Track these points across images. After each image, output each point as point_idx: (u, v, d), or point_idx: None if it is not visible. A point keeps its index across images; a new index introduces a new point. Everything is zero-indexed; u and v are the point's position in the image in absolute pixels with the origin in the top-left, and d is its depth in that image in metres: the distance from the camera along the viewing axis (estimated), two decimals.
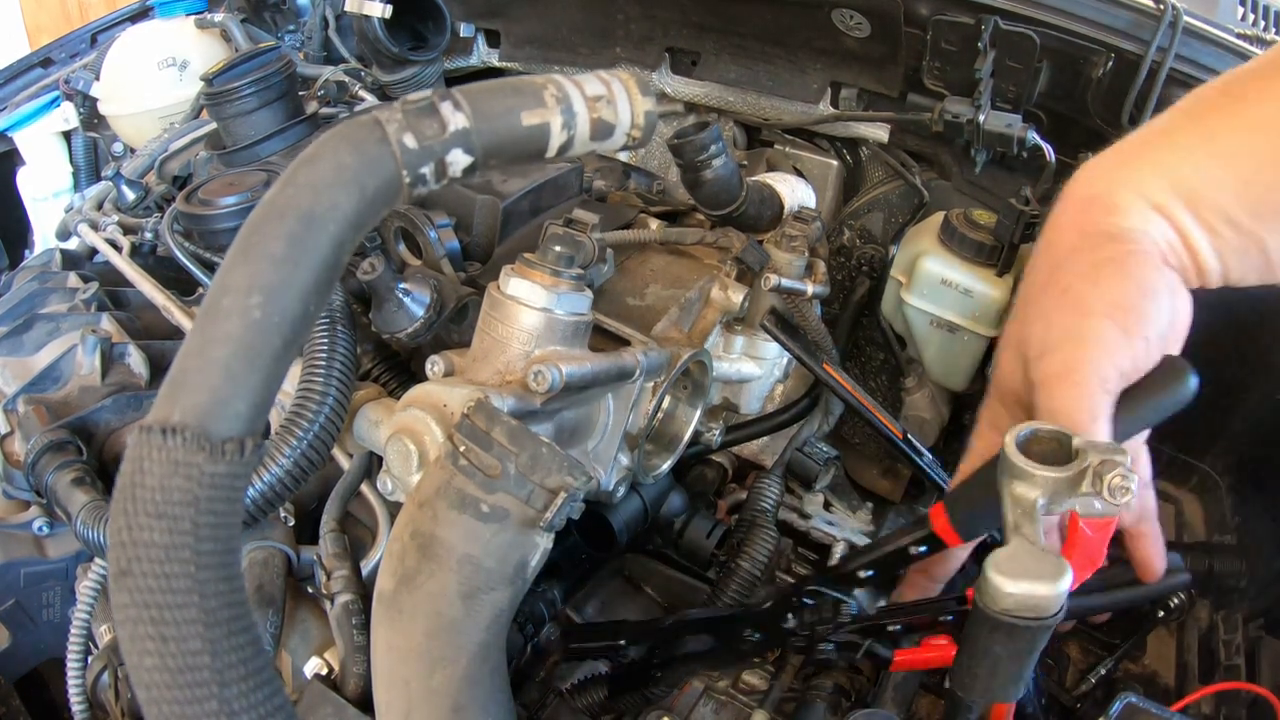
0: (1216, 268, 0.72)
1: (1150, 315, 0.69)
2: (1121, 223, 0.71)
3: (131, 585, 0.43)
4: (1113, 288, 0.69)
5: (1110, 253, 0.70)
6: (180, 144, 1.57)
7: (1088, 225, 0.72)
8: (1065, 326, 0.70)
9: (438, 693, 0.71)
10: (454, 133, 0.53)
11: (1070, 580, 0.62)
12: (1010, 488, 0.67)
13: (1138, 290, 0.69)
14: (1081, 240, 0.72)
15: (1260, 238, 0.69)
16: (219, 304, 0.46)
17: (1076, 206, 0.75)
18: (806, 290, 1.11)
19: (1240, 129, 0.69)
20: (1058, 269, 0.73)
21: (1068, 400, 0.68)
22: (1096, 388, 0.67)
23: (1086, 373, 0.67)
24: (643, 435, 0.95)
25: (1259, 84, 0.70)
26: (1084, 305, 0.69)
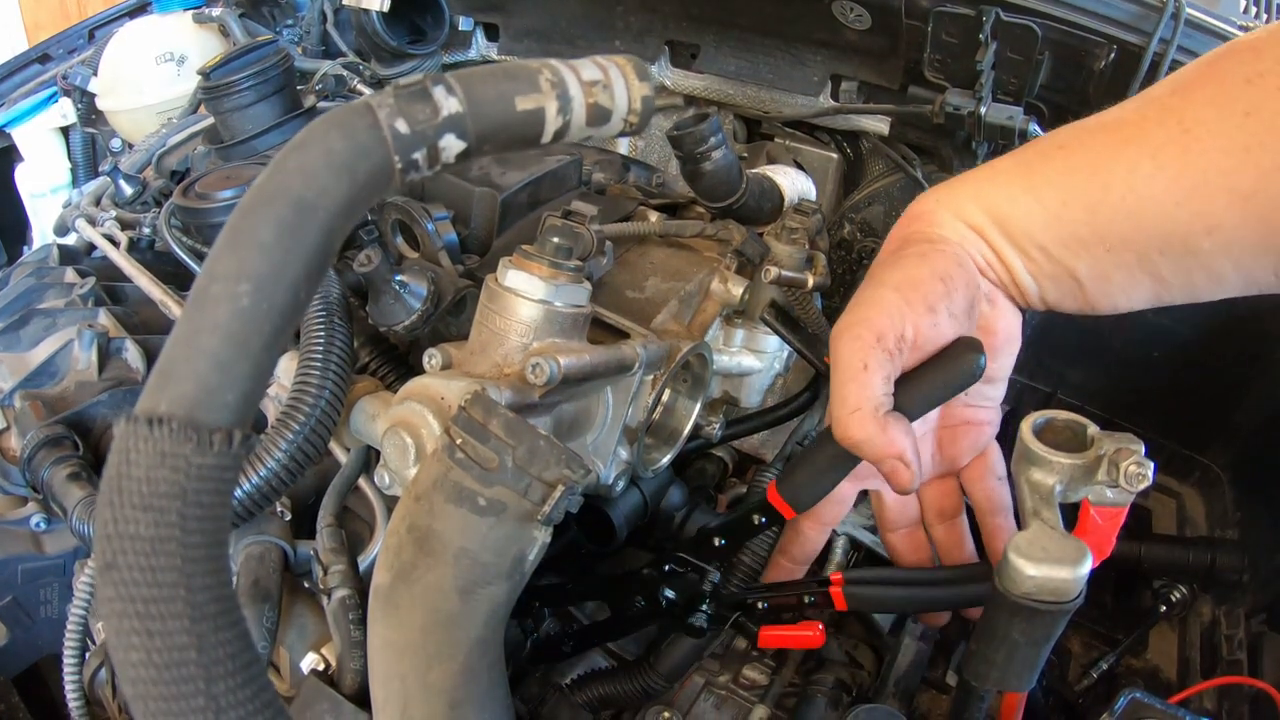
0: (1034, 289, 0.79)
1: (937, 292, 0.74)
2: (937, 232, 0.79)
3: (117, 578, 0.42)
4: (907, 268, 0.76)
5: (917, 249, 0.78)
6: (178, 139, 1.56)
7: (909, 234, 0.81)
8: (859, 296, 0.76)
9: (435, 688, 0.70)
10: (446, 118, 0.52)
11: (1090, 564, 0.62)
12: (1027, 474, 0.67)
13: (930, 272, 0.75)
14: (900, 245, 0.80)
15: (1070, 266, 0.76)
16: (207, 292, 0.45)
17: (904, 221, 0.83)
18: (807, 283, 1.10)
19: (1055, 170, 0.76)
20: (878, 263, 0.80)
21: (844, 351, 0.74)
22: (871, 341, 0.73)
23: (862, 329, 0.73)
24: (642, 428, 0.94)
25: (1082, 137, 0.77)
26: (877, 280, 0.77)
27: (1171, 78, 0.76)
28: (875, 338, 0.73)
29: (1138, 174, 0.71)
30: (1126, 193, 0.72)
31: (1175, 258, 0.73)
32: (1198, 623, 1.30)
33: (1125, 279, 0.75)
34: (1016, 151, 0.81)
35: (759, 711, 0.99)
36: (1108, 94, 1.31)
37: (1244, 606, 1.22)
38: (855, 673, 1.11)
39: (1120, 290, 0.76)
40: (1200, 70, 0.73)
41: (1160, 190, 0.71)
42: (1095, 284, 0.76)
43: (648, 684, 0.97)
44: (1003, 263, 0.78)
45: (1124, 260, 0.74)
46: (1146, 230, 0.72)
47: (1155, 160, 0.71)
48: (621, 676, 0.99)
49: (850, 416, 0.72)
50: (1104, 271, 0.75)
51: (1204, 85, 0.72)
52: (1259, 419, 1.33)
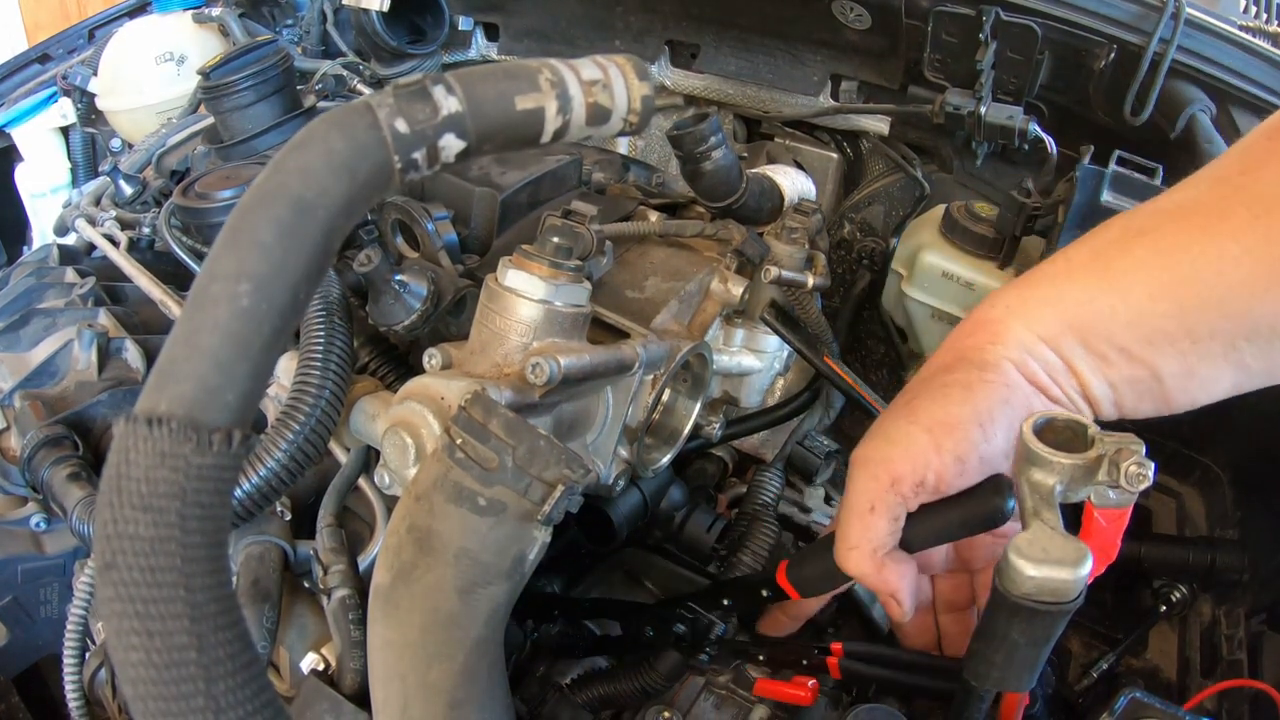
0: (1108, 395, 0.75)
1: (973, 439, 0.71)
2: (998, 352, 0.74)
3: (116, 579, 0.42)
4: (947, 407, 0.73)
5: (965, 377, 0.74)
6: (178, 138, 1.56)
7: (967, 348, 0.76)
8: (889, 426, 0.75)
9: (435, 688, 0.70)
10: (446, 117, 0.52)
11: (1090, 565, 0.62)
12: (1028, 474, 0.67)
13: (972, 415, 0.72)
14: (954, 360, 0.76)
15: (1154, 364, 0.72)
16: (207, 291, 0.45)
17: (968, 327, 0.79)
18: (807, 283, 1.10)
19: (1137, 261, 0.72)
20: (921, 380, 0.77)
21: (858, 484, 0.74)
22: (885, 482, 0.72)
23: (881, 468, 0.73)
24: (642, 428, 0.94)
25: (1159, 221, 0.73)
26: (914, 414, 0.74)
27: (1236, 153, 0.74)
28: (891, 481, 0.72)
29: (1225, 259, 0.69)
30: (1215, 281, 0.69)
31: (1261, 344, 0.71)
32: (1198, 622, 1.30)
33: (1209, 371, 0.72)
34: (1089, 240, 0.77)
35: (759, 711, 0.99)
36: (1108, 94, 1.31)
37: (1244, 606, 1.22)
38: None
39: (1202, 385, 0.73)
40: (1265, 145, 0.71)
41: (1248, 275, 0.68)
42: (1178, 380, 0.73)
43: (648, 684, 0.97)
44: (1074, 374, 0.74)
45: (1210, 351, 0.71)
46: (1235, 318, 0.70)
47: (1240, 244, 0.68)
48: (621, 676, 0.99)
49: (849, 552, 0.75)
50: (1189, 366, 0.72)
51: (1271, 161, 0.70)
52: (1259, 419, 1.33)
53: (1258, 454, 1.35)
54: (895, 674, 0.92)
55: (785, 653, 0.97)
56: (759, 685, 0.97)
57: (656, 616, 0.99)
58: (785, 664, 0.97)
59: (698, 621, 0.96)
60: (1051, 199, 1.21)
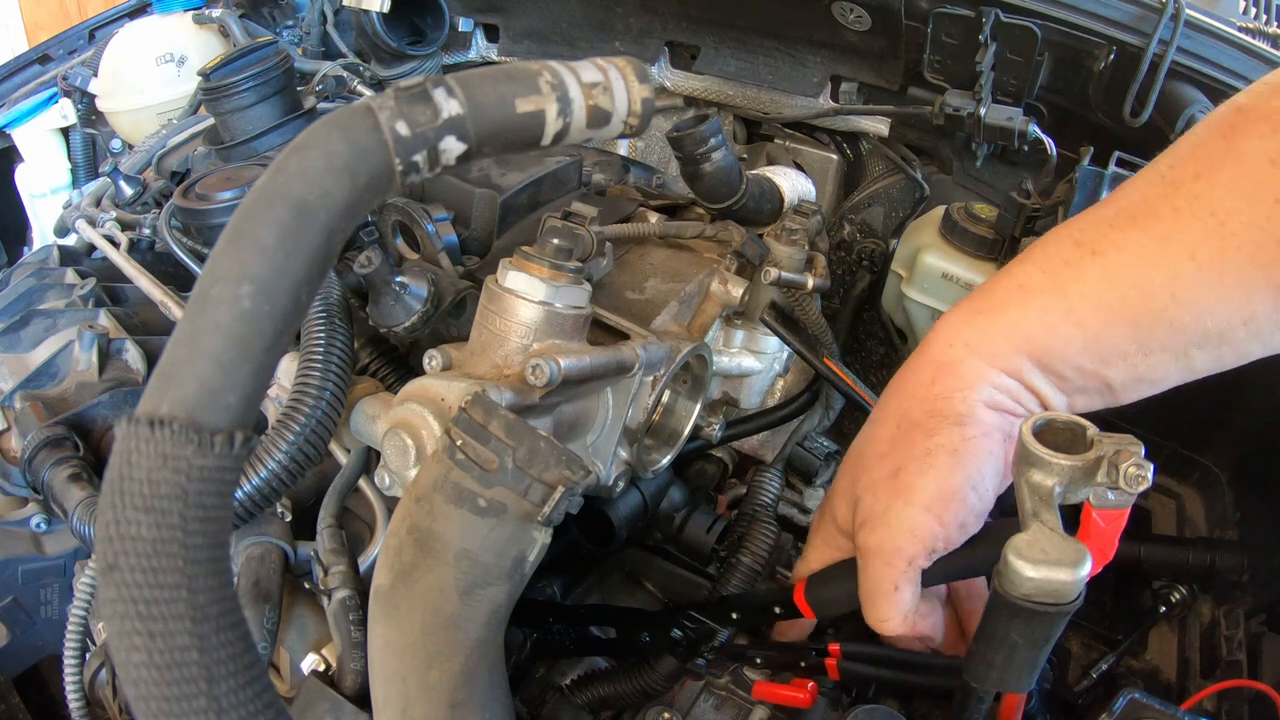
0: (1062, 402, 0.78)
1: (970, 505, 0.75)
2: (968, 399, 0.76)
3: (118, 580, 0.42)
4: (939, 479, 0.75)
5: (947, 439, 0.76)
6: (178, 139, 1.56)
7: (934, 400, 0.78)
8: (888, 508, 0.77)
9: (435, 689, 0.70)
10: (447, 120, 0.52)
11: (1090, 566, 0.62)
12: (1027, 475, 0.67)
13: (965, 482, 0.75)
14: (926, 418, 0.77)
15: (1106, 377, 0.75)
16: (208, 293, 0.45)
17: (929, 373, 0.79)
18: (807, 284, 1.10)
19: (1091, 284, 0.74)
20: (897, 442, 0.79)
21: (877, 573, 0.77)
22: (902, 567, 0.76)
23: (895, 556, 0.76)
24: (642, 429, 0.94)
25: (1111, 236, 0.74)
26: (910, 492, 0.76)
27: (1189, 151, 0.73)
28: (907, 563, 0.76)
29: (1179, 279, 0.70)
30: (1169, 301, 0.70)
31: (1210, 349, 0.72)
32: (1197, 623, 1.30)
33: (1157, 375, 0.75)
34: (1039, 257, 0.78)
35: (759, 712, 0.99)
36: (1107, 95, 1.31)
37: (1244, 607, 1.22)
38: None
39: (1150, 385, 0.76)
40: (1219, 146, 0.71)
41: (1202, 292, 0.70)
42: (1127, 386, 0.76)
43: (647, 685, 0.97)
44: (1034, 393, 0.77)
45: (1160, 360, 0.73)
46: (1186, 331, 0.71)
47: (1195, 261, 0.69)
48: (621, 677, 0.99)
49: (883, 624, 0.79)
50: (1138, 374, 0.75)
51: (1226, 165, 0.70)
52: (1258, 419, 1.33)
53: (1257, 455, 1.35)
54: (893, 673, 0.93)
55: (783, 655, 0.97)
56: (757, 688, 0.97)
57: (656, 623, 1.00)
58: (783, 666, 0.97)
59: (700, 629, 0.97)
60: (1051, 200, 1.21)
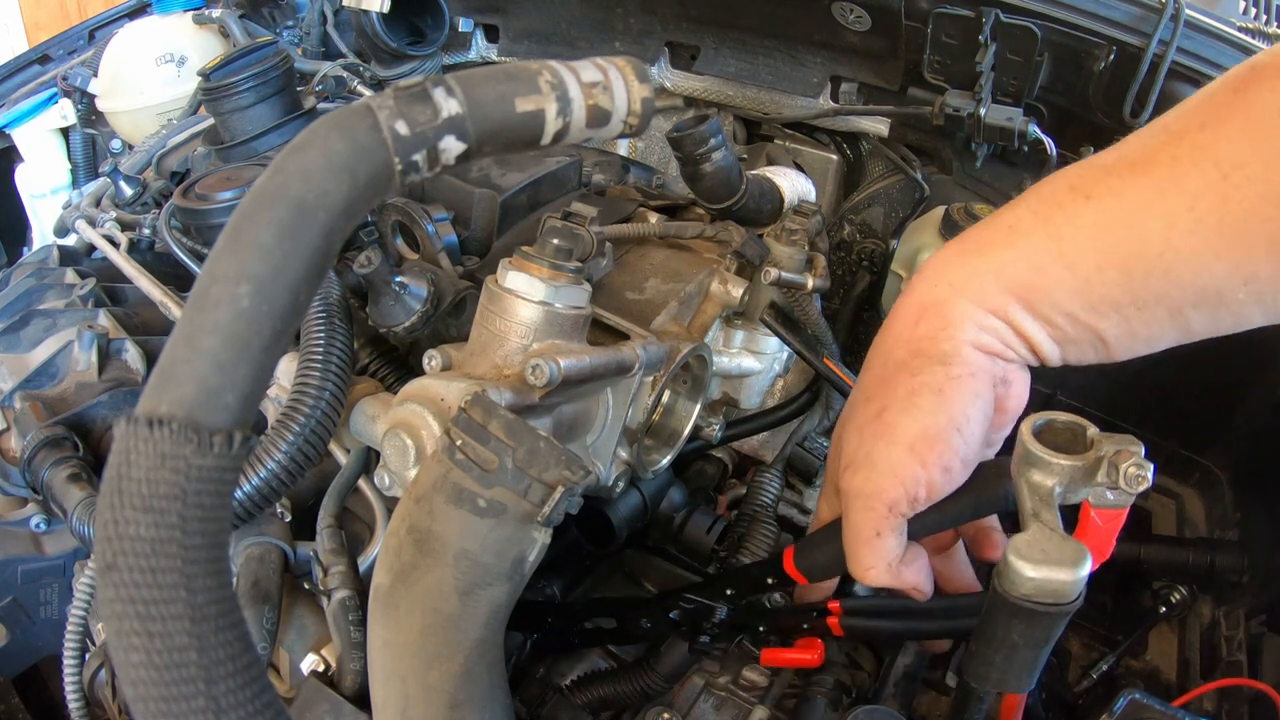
0: (1055, 352, 0.75)
1: (955, 447, 0.73)
2: (954, 338, 0.74)
3: (117, 580, 0.42)
4: (923, 418, 0.73)
5: (931, 378, 0.73)
6: (178, 140, 1.56)
7: (919, 341, 0.76)
8: (870, 448, 0.75)
9: (435, 689, 0.70)
10: (447, 119, 0.52)
11: (1090, 566, 0.62)
12: (1027, 475, 0.67)
13: (949, 422, 0.72)
14: (910, 358, 0.75)
15: (1098, 328, 0.72)
16: (208, 293, 0.45)
17: (913, 314, 0.77)
18: (807, 284, 1.10)
19: (1085, 227, 0.70)
20: (882, 383, 0.77)
21: (857, 517, 0.76)
22: (883, 511, 0.74)
23: (875, 499, 0.74)
24: (642, 430, 0.94)
25: (1108, 181, 0.71)
26: (892, 432, 0.74)
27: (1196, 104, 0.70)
28: (888, 508, 0.74)
29: (1176, 229, 0.67)
30: (1164, 250, 0.68)
31: (1207, 309, 0.70)
32: (1197, 624, 1.30)
33: (1152, 332, 0.72)
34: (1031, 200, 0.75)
35: (759, 712, 0.99)
36: (1107, 95, 1.31)
37: (1244, 607, 1.22)
38: (855, 674, 1.10)
39: (1144, 343, 0.73)
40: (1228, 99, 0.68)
41: (1199, 244, 0.67)
42: (1121, 341, 0.73)
43: (647, 685, 0.97)
44: (1023, 338, 0.74)
45: (1155, 316, 0.71)
46: (1182, 285, 0.69)
47: (1194, 212, 0.66)
48: (621, 678, 0.99)
49: (867, 572, 0.78)
50: (1132, 329, 0.72)
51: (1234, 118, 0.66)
52: (1258, 420, 1.33)
53: (1258, 455, 1.35)
54: (896, 624, 0.92)
55: (785, 621, 0.97)
56: (765, 656, 0.97)
57: (653, 608, 0.99)
58: (787, 631, 0.97)
59: (698, 608, 0.96)
60: None
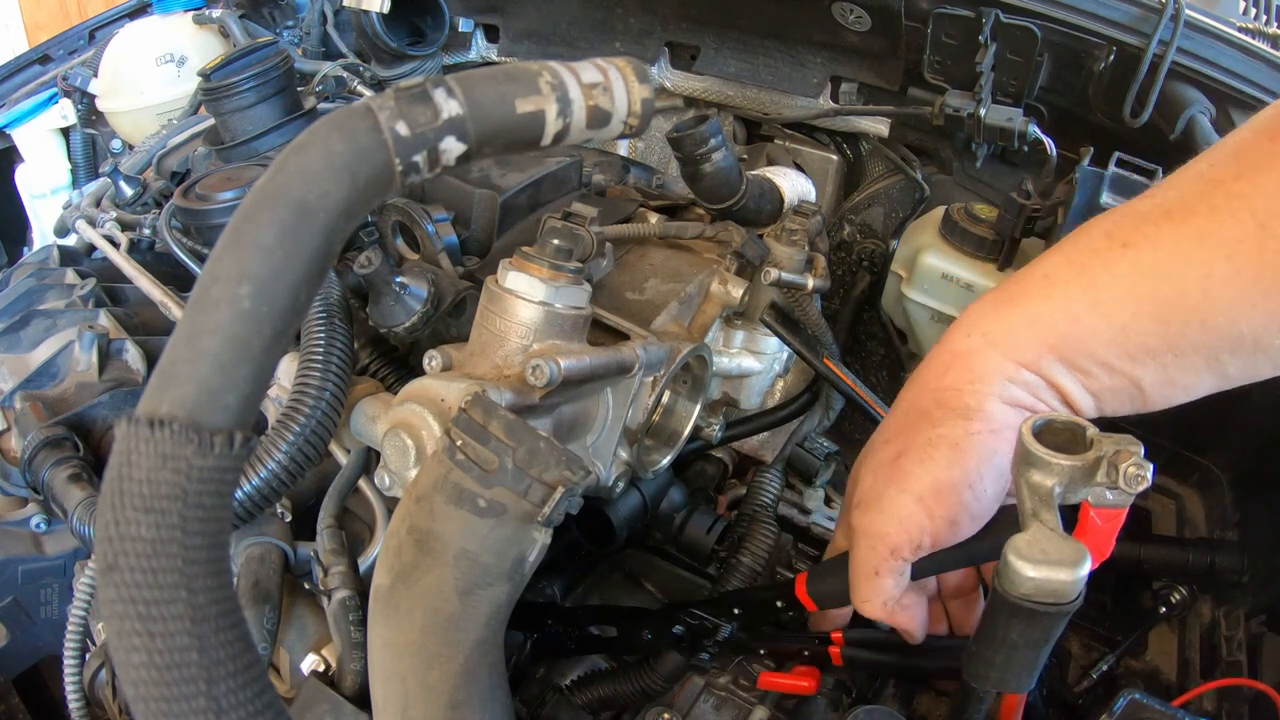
0: (1090, 402, 0.75)
1: (964, 502, 0.73)
2: (980, 393, 0.74)
3: (118, 580, 0.42)
4: (936, 470, 0.73)
5: (950, 431, 0.74)
6: (178, 140, 1.56)
7: (945, 391, 0.76)
8: (881, 491, 0.76)
9: (435, 689, 0.70)
10: (447, 120, 0.52)
11: (1089, 565, 0.62)
12: (1027, 475, 0.67)
13: (961, 478, 0.73)
14: (934, 407, 0.76)
15: (1135, 376, 0.72)
16: (208, 293, 0.45)
17: (944, 362, 0.78)
18: (807, 284, 1.10)
19: (1121, 276, 0.70)
20: (903, 429, 0.78)
21: (861, 554, 0.78)
22: (884, 553, 0.76)
23: (879, 541, 0.76)
24: (642, 430, 0.94)
25: (1145, 229, 0.71)
26: (904, 479, 0.75)
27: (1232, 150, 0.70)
28: (889, 551, 0.75)
29: (1213, 278, 0.67)
30: (1201, 299, 0.68)
31: (1244, 355, 0.70)
32: (1197, 624, 1.30)
33: (1189, 380, 0.72)
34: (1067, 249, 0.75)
35: (759, 712, 0.99)
36: (1108, 96, 1.31)
37: (1244, 607, 1.22)
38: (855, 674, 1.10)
39: (1182, 390, 0.73)
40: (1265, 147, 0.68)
41: (1236, 294, 0.67)
42: (1158, 389, 0.73)
43: (647, 685, 0.97)
44: (1056, 389, 0.74)
45: (1192, 363, 0.71)
46: (1219, 333, 0.69)
47: (1231, 262, 0.66)
48: (621, 678, 0.99)
49: (863, 604, 0.80)
50: (1170, 377, 0.72)
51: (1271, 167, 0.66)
52: (1258, 420, 1.33)
53: (1258, 455, 1.35)
54: (895, 659, 0.93)
55: (786, 645, 0.98)
56: (762, 679, 0.98)
57: (657, 621, 0.99)
58: (787, 656, 0.98)
59: (702, 625, 0.97)
60: (1051, 201, 1.21)
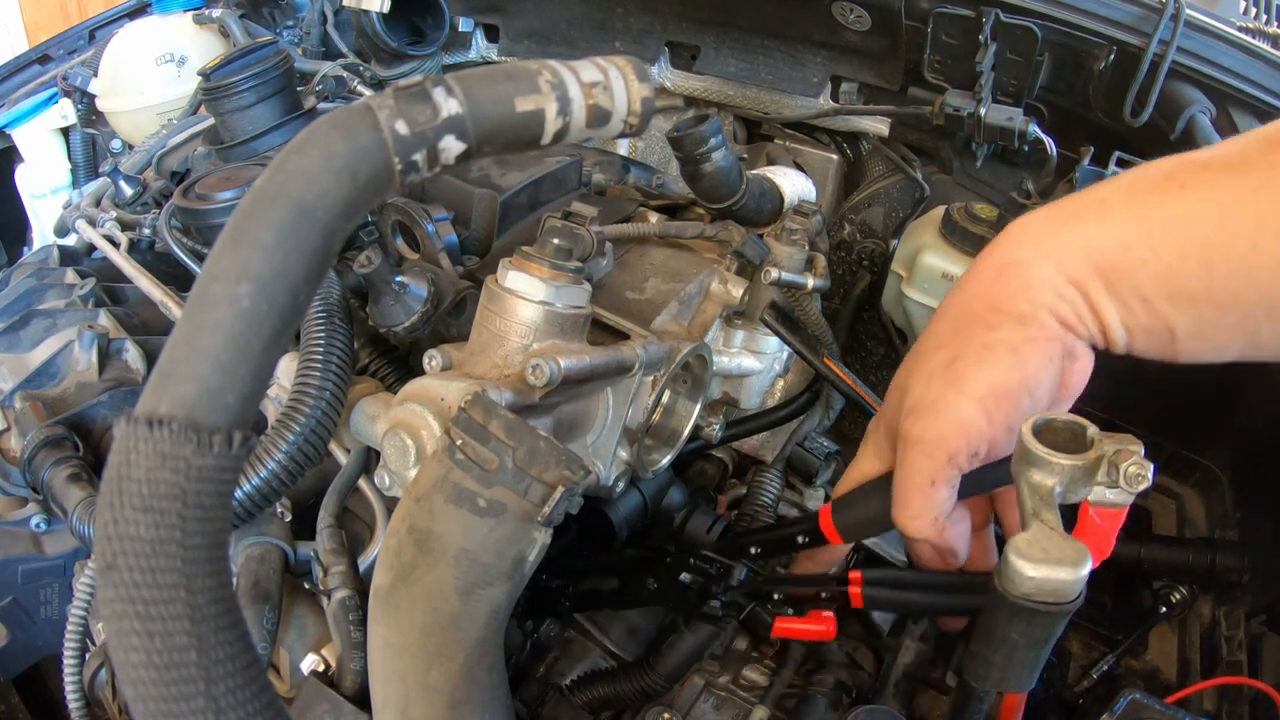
0: (1124, 339, 0.74)
1: (1022, 408, 0.72)
2: (1032, 300, 0.73)
3: (117, 580, 0.42)
4: (993, 374, 0.72)
5: (1008, 335, 0.73)
6: (178, 139, 1.56)
7: (998, 297, 0.75)
8: (938, 396, 0.74)
9: (435, 689, 0.70)
10: (446, 119, 0.52)
11: (1090, 565, 0.62)
12: (1027, 475, 0.67)
13: (1020, 383, 0.72)
14: (988, 313, 0.75)
15: (1171, 320, 0.72)
16: (207, 293, 0.45)
17: (993, 270, 0.76)
18: (807, 284, 1.10)
19: (1175, 215, 0.70)
20: (956, 333, 0.76)
21: (915, 464, 0.75)
22: (943, 461, 0.74)
23: (937, 447, 0.74)
24: (642, 430, 0.94)
25: (1203, 175, 0.71)
26: (962, 382, 0.73)
27: None
28: (948, 458, 0.73)
29: (1264, 231, 0.66)
30: (1249, 251, 0.67)
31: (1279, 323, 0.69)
32: (1197, 624, 1.29)
33: (1223, 337, 0.71)
34: (1125, 180, 0.74)
35: (759, 712, 0.99)
36: (1108, 95, 1.31)
37: (1244, 607, 1.22)
38: (855, 674, 1.10)
39: (1212, 348, 0.72)
40: None
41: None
42: (1190, 340, 0.72)
43: (647, 685, 0.97)
44: (1097, 317, 0.73)
45: (1228, 320, 0.70)
46: (1260, 289, 0.68)
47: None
48: (621, 678, 0.99)
49: (912, 521, 0.77)
50: (1203, 329, 0.71)
51: None
52: (1258, 420, 1.33)
53: (1258, 454, 1.35)
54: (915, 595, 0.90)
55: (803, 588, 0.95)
56: (777, 626, 0.95)
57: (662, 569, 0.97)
58: (803, 600, 0.95)
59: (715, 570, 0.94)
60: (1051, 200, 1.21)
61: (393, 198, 1.03)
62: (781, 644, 1.16)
